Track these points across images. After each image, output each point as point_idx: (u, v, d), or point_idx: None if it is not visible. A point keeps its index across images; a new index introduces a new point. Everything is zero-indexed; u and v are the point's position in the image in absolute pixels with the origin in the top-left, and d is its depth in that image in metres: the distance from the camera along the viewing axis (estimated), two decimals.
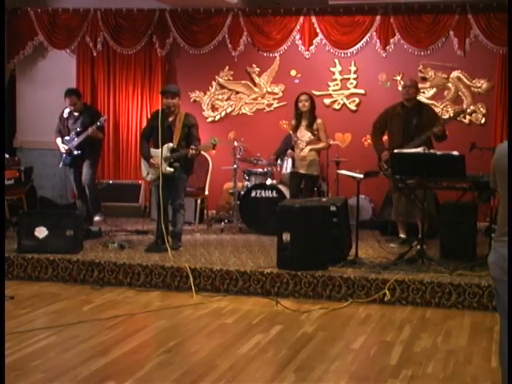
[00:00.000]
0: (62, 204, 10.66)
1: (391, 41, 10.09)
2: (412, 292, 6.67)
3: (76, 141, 9.05)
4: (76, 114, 9.18)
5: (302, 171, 8.65)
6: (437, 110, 9.99)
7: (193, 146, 7.81)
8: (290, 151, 8.84)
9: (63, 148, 9.14)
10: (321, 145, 8.68)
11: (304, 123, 8.50)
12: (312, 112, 8.61)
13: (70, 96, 9.16)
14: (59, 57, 11.25)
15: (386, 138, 8.71)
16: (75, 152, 9.09)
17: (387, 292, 6.66)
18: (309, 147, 8.54)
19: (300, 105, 8.59)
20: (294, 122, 8.73)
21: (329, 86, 10.50)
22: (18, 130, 11.59)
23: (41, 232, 7.75)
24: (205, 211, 10.19)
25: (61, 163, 9.25)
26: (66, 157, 9.17)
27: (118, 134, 11.14)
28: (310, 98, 8.68)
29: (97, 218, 9.36)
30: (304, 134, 8.44)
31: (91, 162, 9.23)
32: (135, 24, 10.86)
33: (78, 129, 9.06)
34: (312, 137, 8.50)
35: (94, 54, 11.05)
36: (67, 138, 9.15)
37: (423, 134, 8.05)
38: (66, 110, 9.26)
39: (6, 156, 9.85)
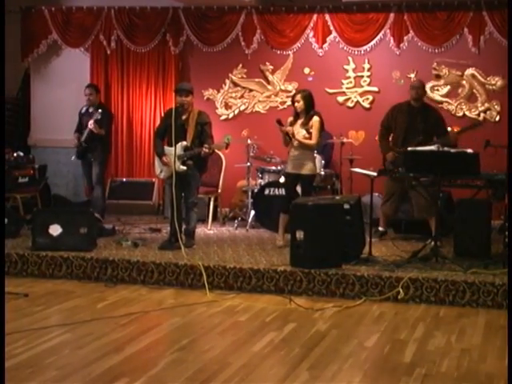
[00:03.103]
0: (75, 202, 10.69)
1: (405, 38, 10.06)
2: (426, 290, 6.64)
3: (84, 135, 9.53)
4: (91, 111, 9.57)
5: (295, 171, 8.12)
6: (451, 107, 10.01)
7: (206, 145, 7.81)
8: None
9: (76, 142, 9.64)
10: (307, 141, 8.02)
11: (300, 121, 8.16)
12: (308, 110, 8.12)
13: (89, 87, 9.86)
14: (73, 55, 11.27)
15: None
16: (83, 145, 9.56)
17: (401, 290, 6.64)
18: (297, 138, 8.03)
19: (295, 105, 8.12)
20: (290, 119, 8.20)
21: (342, 83, 10.48)
22: (33, 128, 11.62)
23: (55, 230, 7.77)
24: (218, 209, 10.20)
25: (73, 156, 9.73)
26: (77, 150, 9.66)
27: (131, 131, 11.16)
28: (305, 96, 8.13)
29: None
30: (298, 132, 8.15)
31: (98, 161, 9.65)
32: (149, 22, 10.87)
33: (90, 125, 9.47)
34: (307, 135, 8.05)
35: (108, 52, 11.07)
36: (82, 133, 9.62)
37: (433, 142, 8.06)
38: (84, 107, 9.72)
39: (21, 154, 9.90)
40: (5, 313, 5.36)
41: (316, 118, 8.08)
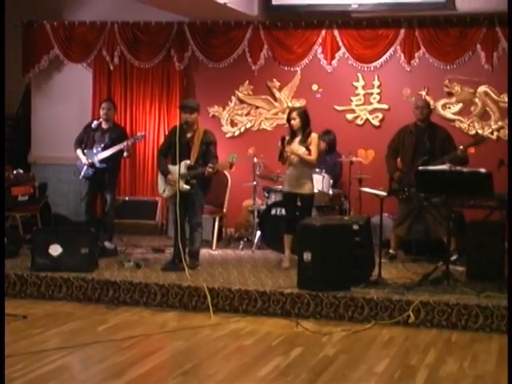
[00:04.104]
0: (76, 221, 10.69)
1: (416, 55, 10.08)
2: (437, 314, 6.62)
3: (103, 154, 8.97)
4: (105, 127, 9.16)
5: (294, 190, 8.16)
6: (463, 126, 10.02)
7: (210, 165, 7.83)
8: None
9: (86, 159, 9.03)
10: (307, 157, 8.07)
11: (298, 139, 8.15)
12: (305, 127, 8.13)
13: (108, 101, 9.41)
14: (75, 70, 11.32)
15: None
16: (99, 165, 9.00)
17: (411, 314, 6.62)
18: (297, 153, 8.08)
19: (291, 123, 8.12)
20: (287, 138, 8.18)
21: (351, 100, 10.50)
22: (33, 145, 11.66)
23: (55, 250, 7.78)
24: (223, 229, 10.20)
25: (81, 175, 9.08)
26: (87, 169, 9.05)
27: (134, 149, 11.14)
28: (301, 113, 8.17)
29: (107, 244, 9.18)
30: (297, 149, 8.18)
31: (113, 183, 9.26)
32: (153, 37, 10.92)
33: (104, 143, 9.01)
34: (306, 152, 8.08)
35: (111, 67, 11.12)
36: (90, 150, 9.07)
37: (444, 157, 8.10)
38: (95, 122, 9.26)
39: (20, 171, 9.91)
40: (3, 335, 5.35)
41: (314, 135, 8.16)
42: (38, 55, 11.28)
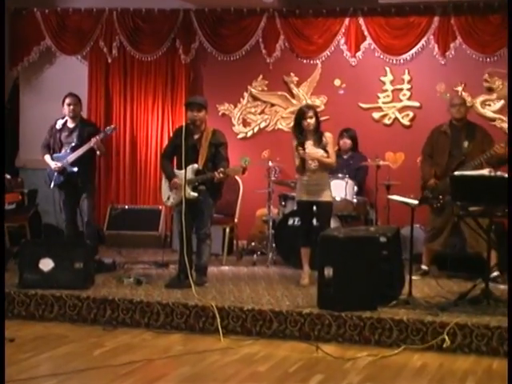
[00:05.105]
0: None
1: (451, 45, 10.10)
2: (476, 338, 6.60)
3: (72, 156, 8.87)
4: (71, 126, 9.07)
5: (312, 199, 8.19)
6: (505, 125, 9.98)
7: (221, 169, 7.84)
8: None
9: (55, 165, 8.93)
10: (328, 160, 8.15)
11: (310, 141, 8.17)
12: (318, 128, 8.21)
13: (72, 96, 9.13)
14: (69, 64, 11.40)
15: None
16: (69, 169, 8.90)
17: (446, 338, 6.60)
18: (316, 157, 8.10)
19: (305, 123, 8.13)
20: (295, 143, 8.20)
21: (378, 97, 10.53)
22: (21, 148, 11.72)
23: (46, 264, 7.80)
24: (234, 241, 10.22)
25: (52, 183, 9.01)
26: (57, 176, 8.96)
27: (135, 152, 11.23)
28: (316, 112, 8.25)
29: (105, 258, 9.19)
30: (316, 153, 8.20)
31: (90, 188, 9.14)
32: (156, 26, 10.98)
33: (73, 143, 8.94)
34: (324, 154, 8.11)
35: (109, 60, 11.18)
36: (58, 154, 9.01)
37: (480, 157, 8.10)
38: (60, 122, 9.14)
39: (8, 177, 9.93)
40: None
41: (329, 135, 8.23)
42: (27, 47, 11.37)
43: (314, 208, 8.25)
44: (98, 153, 9.01)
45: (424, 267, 8.86)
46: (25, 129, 11.69)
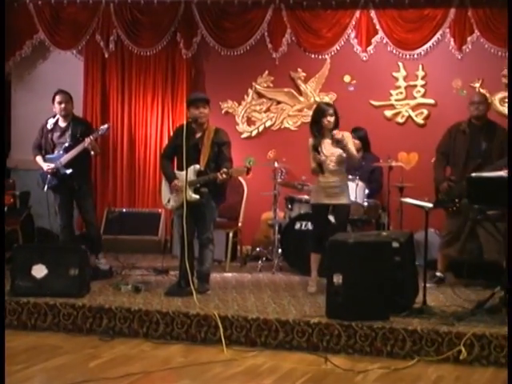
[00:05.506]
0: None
1: (468, 39, 10.09)
2: (494, 350, 6.58)
3: (65, 157, 8.90)
4: (63, 125, 9.10)
5: (332, 201, 8.14)
6: None
7: (224, 169, 7.82)
8: None
9: (47, 166, 8.97)
10: (356, 155, 8.35)
11: (328, 139, 8.15)
12: (337, 126, 8.18)
13: (63, 94, 9.12)
14: (63, 59, 11.41)
15: None
16: (62, 171, 8.92)
17: (463, 349, 6.58)
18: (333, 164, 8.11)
19: (325, 122, 8.11)
20: (312, 141, 8.20)
21: (391, 94, 10.52)
22: (13, 147, 11.74)
23: (39, 271, 7.80)
24: (238, 247, 10.22)
25: (45, 186, 9.05)
26: (51, 178, 9.01)
27: (133, 152, 11.23)
28: (335, 110, 8.21)
29: (102, 260, 9.26)
30: (333, 152, 8.17)
31: (88, 192, 9.20)
32: (155, 19, 10.98)
33: (66, 144, 8.97)
34: (344, 154, 8.09)
35: (106, 55, 11.19)
36: (51, 155, 9.05)
37: (498, 162, 8.06)
38: (51, 121, 9.17)
39: None
40: None
41: (347, 133, 8.25)
42: (19, 40, 11.38)
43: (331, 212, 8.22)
44: (92, 153, 9.05)
45: (439, 274, 8.84)
46: (17, 128, 11.70)
